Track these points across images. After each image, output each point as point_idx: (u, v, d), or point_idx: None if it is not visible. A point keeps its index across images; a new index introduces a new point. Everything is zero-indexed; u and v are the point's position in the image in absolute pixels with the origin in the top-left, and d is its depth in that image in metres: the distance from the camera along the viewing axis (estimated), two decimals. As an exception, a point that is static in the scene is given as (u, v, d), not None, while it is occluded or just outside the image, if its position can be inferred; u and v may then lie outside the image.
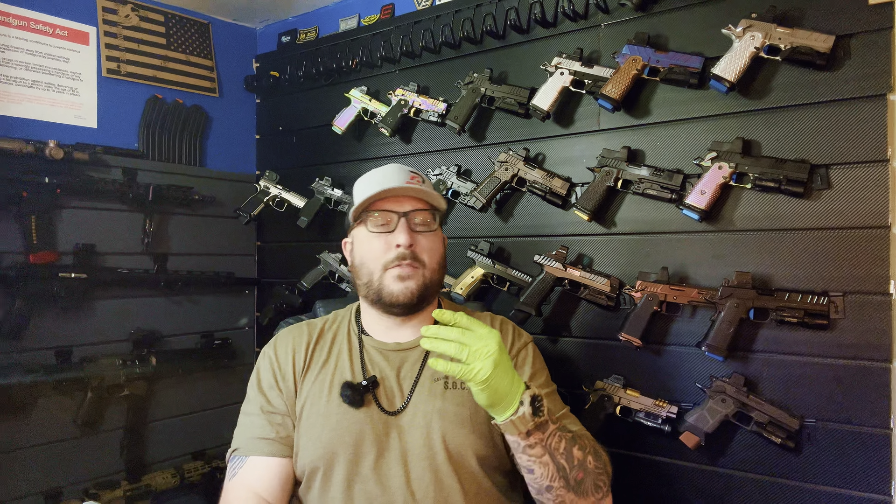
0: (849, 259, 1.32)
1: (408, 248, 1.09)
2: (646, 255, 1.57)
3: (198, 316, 2.26)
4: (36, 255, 1.81)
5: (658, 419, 1.49)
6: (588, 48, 1.66)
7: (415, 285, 1.10)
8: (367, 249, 1.13)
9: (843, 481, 1.32)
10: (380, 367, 1.14)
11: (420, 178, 1.16)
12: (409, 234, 1.10)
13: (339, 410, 1.09)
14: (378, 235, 1.12)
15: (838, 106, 1.34)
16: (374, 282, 1.11)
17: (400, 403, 1.11)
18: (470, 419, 1.09)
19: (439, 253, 1.16)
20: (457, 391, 1.12)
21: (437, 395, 1.11)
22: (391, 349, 1.16)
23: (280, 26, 2.46)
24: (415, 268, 1.10)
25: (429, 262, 1.12)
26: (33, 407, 1.82)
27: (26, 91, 1.89)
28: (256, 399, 1.15)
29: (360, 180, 1.20)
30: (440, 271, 1.16)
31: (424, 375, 1.13)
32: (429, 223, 1.15)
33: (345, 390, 1.09)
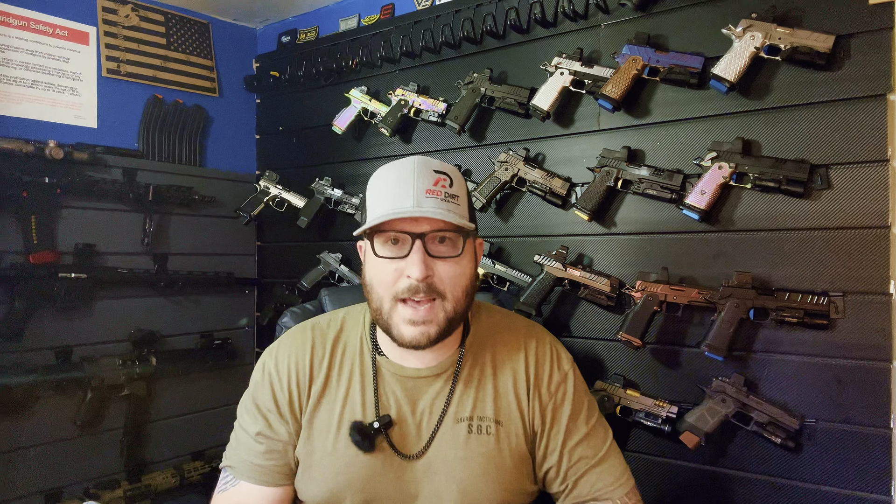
0: (849, 259, 1.32)
1: (422, 282, 0.88)
2: (646, 255, 1.57)
3: (198, 316, 2.26)
4: (36, 255, 1.81)
5: (658, 419, 1.49)
6: (588, 48, 1.66)
7: (434, 329, 0.91)
8: (376, 273, 0.93)
9: (843, 481, 1.32)
10: (396, 397, 0.98)
11: (447, 180, 0.92)
12: (425, 263, 0.88)
13: (347, 452, 0.95)
14: (388, 260, 0.91)
15: (838, 106, 1.34)
16: (384, 313, 0.92)
17: (417, 444, 0.97)
18: (496, 470, 0.97)
19: (466, 278, 0.94)
20: (482, 437, 0.97)
21: (459, 440, 0.96)
22: (409, 376, 0.99)
23: (280, 26, 2.46)
24: (431, 302, 0.90)
25: (451, 293, 0.91)
26: (33, 407, 1.82)
27: (26, 91, 1.89)
28: (254, 420, 1.00)
29: (374, 183, 0.96)
30: (466, 299, 0.94)
31: (447, 414, 0.98)
32: (452, 247, 0.92)
33: (354, 433, 0.94)
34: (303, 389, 0.99)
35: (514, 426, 0.99)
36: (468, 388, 1.00)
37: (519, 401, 1.01)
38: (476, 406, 0.99)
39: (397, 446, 0.96)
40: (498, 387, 1.01)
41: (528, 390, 1.01)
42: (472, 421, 0.98)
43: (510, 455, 0.99)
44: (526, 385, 1.02)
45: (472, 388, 1.00)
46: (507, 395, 1.01)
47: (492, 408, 0.99)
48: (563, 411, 1.01)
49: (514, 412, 1.00)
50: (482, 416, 0.99)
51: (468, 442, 0.97)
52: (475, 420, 0.98)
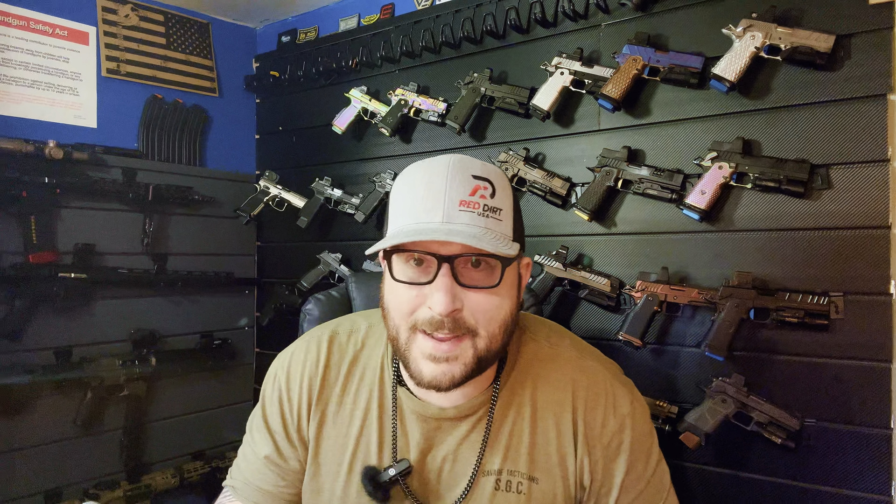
0: (849, 259, 1.32)
1: (447, 316, 0.72)
2: (646, 255, 1.57)
3: (198, 316, 2.26)
4: (36, 255, 1.81)
5: (658, 419, 1.48)
6: (588, 48, 1.66)
7: (459, 370, 0.74)
8: (393, 297, 0.77)
9: (844, 481, 1.31)
10: (416, 439, 0.84)
11: (488, 188, 0.74)
12: (452, 294, 0.71)
13: (358, 500, 0.83)
14: (407, 287, 0.75)
15: (838, 106, 1.34)
16: (401, 343, 0.77)
17: (437, 494, 0.83)
18: None
19: (505, 312, 0.76)
20: (511, 495, 0.81)
21: (484, 496, 0.82)
22: (432, 416, 0.83)
23: (280, 26, 2.45)
24: (457, 339, 0.74)
25: (484, 330, 0.74)
26: (33, 407, 1.82)
27: (26, 91, 1.89)
28: (263, 441, 0.88)
29: (399, 187, 0.79)
30: (503, 336, 0.77)
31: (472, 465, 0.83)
32: (489, 274, 0.74)
33: (367, 484, 0.81)
34: (314, 413, 0.87)
35: (552, 484, 0.83)
36: (500, 434, 0.83)
37: (562, 455, 0.83)
38: (507, 458, 0.83)
39: (417, 494, 0.82)
40: (536, 435, 0.83)
41: (574, 441, 0.83)
42: (501, 475, 0.82)
43: None
44: (573, 436, 0.83)
45: (503, 434, 0.83)
46: (547, 446, 0.83)
47: (526, 461, 0.83)
48: (618, 467, 0.83)
49: (553, 468, 0.83)
50: (513, 469, 0.82)
51: (493, 501, 0.81)
52: (504, 475, 0.82)
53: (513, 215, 0.77)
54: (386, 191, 2.01)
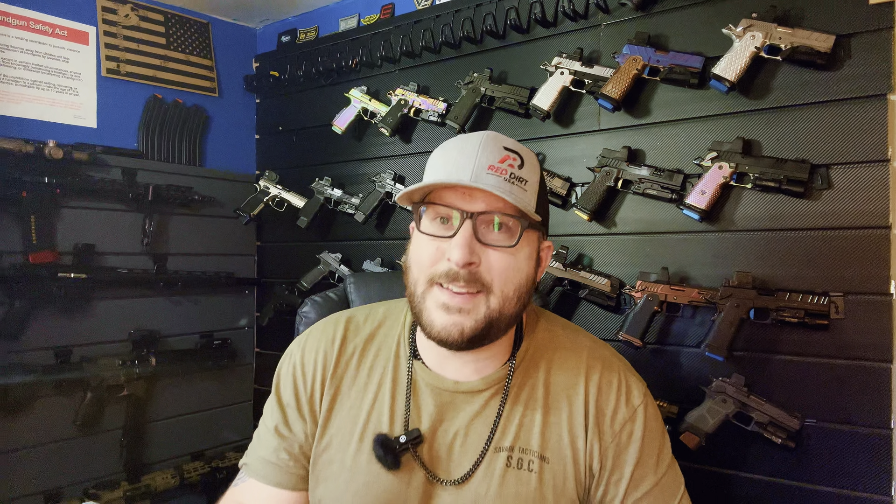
0: (849, 259, 1.32)
1: (464, 268, 0.75)
2: (646, 255, 1.57)
3: (198, 316, 2.26)
4: (35, 255, 1.81)
5: (658, 419, 1.48)
6: (588, 48, 1.66)
7: (469, 323, 0.76)
8: (415, 251, 0.81)
9: (844, 481, 1.31)
10: (429, 411, 0.85)
11: (517, 160, 0.79)
12: (470, 247, 0.75)
13: (368, 468, 0.83)
14: (431, 238, 0.79)
15: (839, 106, 1.34)
16: (416, 297, 0.80)
17: (448, 470, 0.83)
18: None
19: (521, 275, 0.79)
20: (522, 473, 0.82)
21: (495, 473, 0.82)
22: (447, 389, 0.85)
23: (280, 26, 2.45)
24: (471, 295, 0.76)
25: (498, 288, 0.77)
26: (33, 407, 1.82)
27: (26, 91, 1.89)
28: (272, 414, 0.90)
29: (433, 155, 0.84)
30: (517, 301, 0.79)
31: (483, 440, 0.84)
32: (508, 234, 0.78)
33: (378, 448, 0.82)
34: (327, 387, 0.88)
35: (562, 466, 0.83)
36: (513, 412, 0.84)
37: (573, 437, 0.84)
38: (519, 436, 0.83)
39: (428, 465, 0.83)
40: (548, 416, 0.85)
41: (585, 426, 0.84)
42: (513, 452, 0.82)
43: (555, 499, 0.82)
44: (584, 420, 0.84)
45: (517, 412, 0.85)
46: (559, 427, 0.84)
47: (538, 440, 0.83)
48: (629, 457, 0.84)
49: (564, 449, 0.84)
50: (525, 447, 0.83)
51: (505, 477, 0.81)
52: (516, 452, 0.82)
53: (538, 191, 0.81)
54: (386, 191, 2.01)
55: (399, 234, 2.06)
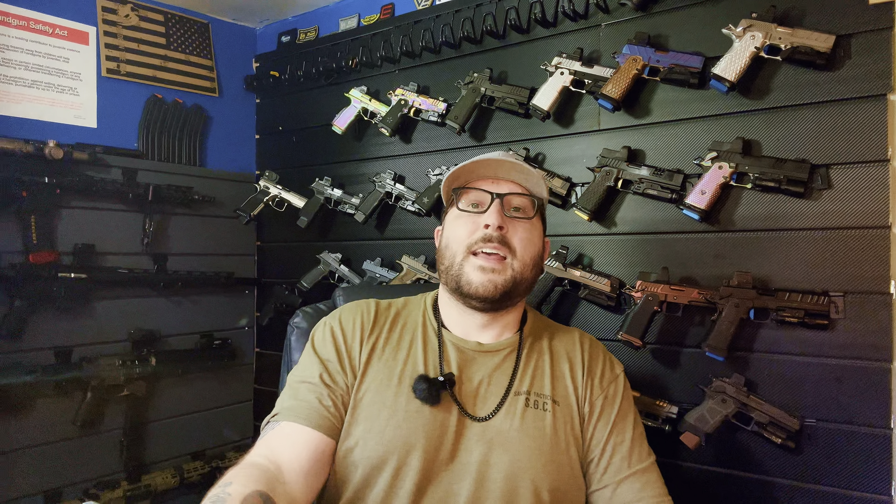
0: (849, 259, 1.32)
1: (497, 231, 0.97)
2: (646, 255, 1.57)
3: (198, 316, 2.26)
4: (36, 255, 1.81)
5: (658, 419, 1.49)
6: (588, 48, 1.66)
7: (500, 279, 0.96)
8: (454, 230, 1.02)
9: (844, 481, 1.32)
10: (458, 366, 1.01)
11: (525, 166, 1.05)
12: (502, 215, 0.98)
13: (408, 406, 0.95)
14: (467, 215, 1.01)
15: (838, 106, 1.34)
16: (455, 266, 0.99)
17: (474, 407, 0.98)
18: (550, 448, 0.96)
19: (535, 247, 1.02)
20: (539, 412, 0.98)
21: (516, 412, 0.97)
22: (472, 349, 1.03)
23: (280, 26, 2.46)
24: (501, 259, 0.97)
25: (520, 253, 0.99)
26: (33, 407, 1.82)
27: (26, 91, 1.89)
28: (314, 367, 0.98)
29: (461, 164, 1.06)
30: (533, 269, 1.02)
31: (512, 386, 1.01)
32: (526, 210, 1.03)
33: (419, 384, 0.95)
34: (366, 344, 1.01)
35: (569, 409, 1.01)
36: (527, 366, 1.03)
37: (575, 386, 1.03)
38: (534, 383, 1.01)
39: (464, 405, 0.97)
40: (555, 370, 1.04)
41: (583, 376, 1.04)
42: (530, 396, 0.99)
43: (565, 436, 0.98)
44: (582, 372, 1.04)
45: (530, 366, 1.03)
46: (564, 378, 1.03)
47: (549, 387, 1.02)
48: (613, 408, 1.03)
49: (570, 396, 1.02)
50: (539, 392, 1.00)
51: (525, 415, 0.97)
52: (532, 395, 1.00)
53: (541, 190, 1.05)
54: (386, 191, 2.01)
55: (399, 234, 2.06)
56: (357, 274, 2.11)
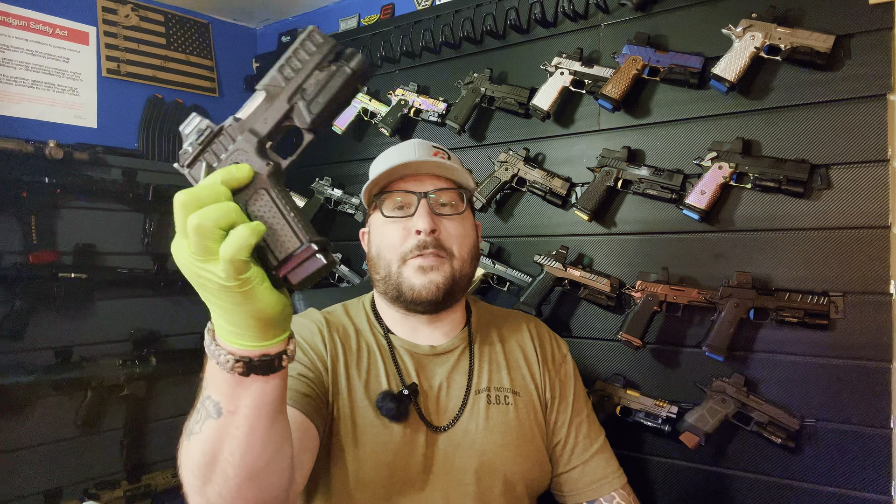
0: (849, 259, 1.32)
1: (430, 235, 0.93)
2: (646, 255, 1.57)
3: (198, 316, 2.26)
4: (36, 255, 1.81)
5: (658, 419, 1.49)
6: (588, 48, 1.66)
7: (441, 279, 0.93)
8: (384, 237, 0.98)
9: (844, 481, 1.31)
10: (415, 372, 0.99)
11: (444, 154, 1.01)
12: (432, 217, 0.94)
13: (374, 423, 0.92)
14: (395, 221, 0.96)
15: (838, 106, 1.34)
16: (393, 275, 0.96)
17: (439, 417, 0.96)
18: (517, 440, 0.97)
19: (470, 240, 0.99)
20: (501, 406, 0.98)
21: (480, 412, 0.97)
22: (425, 353, 1.00)
23: (280, 26, 2.46)
24: (440, 257, 0.94)
25: (457, 252, 0.96)
26: (33, 407, 1.81)
27: (26, 91, 1.89)
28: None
29: (377, 160, 1.04)
30: (471, 263, 1.00)
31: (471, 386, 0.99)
32: (455, 205, 0.99)
33: (385, 402, 0.91)
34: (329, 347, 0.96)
35: (529, 397, 1.02)
36: (481, 362, 1.02)
37: (532, 373, 1.04)
38: (492, 378, 1.01)
39: (427, 417, 0.95)
40: (510, 360, 1.04)
41: (539, 365, 1.05)
42: (490, 392, 0.99)
43: (530, 425, 1.00)
44: (537, 360, 1.05)
45: (485, 361, 1.02)
46: (520, 367, 1.04)
47: (507, 379, 1.02)
48: (568, 389, 1.06)
49: (528, 384, 1.03)
50: (499, 387, 1.00)
51: (489, 412, 0.97)
52: (493, 391, 0.99)
53: (464, 174, 1.01)
54: (386, 191, 2.01)
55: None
56: (357, 274, 2.11)
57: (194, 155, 0.61)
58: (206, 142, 0.61)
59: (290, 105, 0.63)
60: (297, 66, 0.63)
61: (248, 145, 0.61)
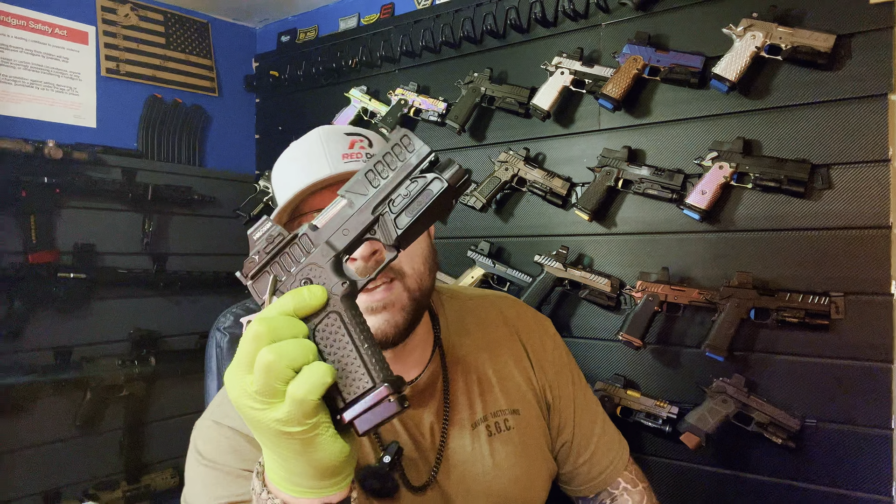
0: (850, 259, 1.32)
1: (369, 261, 0.71)
2: (646, 255, 1.57)
3: (197, 316, 2.26)
4: (35, 255, 1.80)
5: (658, 420, 1.48)
6: (588, 47, 1.66)
7: (400, 317, 0.74)
8: None
9: (844, 482, 1.31)
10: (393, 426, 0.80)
11: (364, 140, 0.78)
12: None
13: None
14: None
15: (839, 105, 1.34)
16: None
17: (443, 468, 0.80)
18: (528, 465, 0.84)
19: (422, 249, 0.78)
20: (503, 435, 0.84)
21: (483, 448, 0.82)
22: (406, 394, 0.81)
23: (279, 26, 2.45)
24: (387, 286, 0.74)
25: (409, 269, 0.75)
26: (33, 407, 1.81)
27: (25, 91, 1.89)
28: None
29: (278, 171, 0.80)
30: (430, 273, 0.79)
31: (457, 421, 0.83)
32: None
33: (371, 482, 0.75)
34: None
35: (530, 410, 0.88)
36: (471, 385, 0.85)
37: (527, 379, 0.90)
38: (486, 402, 0.85)
39: (411, 480, 0.78)
40: (500, 371, 0.88)
41: (531, 365, 0.91)
42: (488, 421, 0.84)
43: (536, 443, 0.87)
44: (527, 357, 0.91)
45: (473, 383, 0.86)
46: (514, 377, 0.89)
47: (503, 398, 0.86)
48: (564, 378, 0.94)
49: (526, 393, 0.89)
50: (496, 411, 0.85)
51: (493, 447, 0.82)
52: (490, 419, 0.84)
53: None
54: (386, 191, 2.00)
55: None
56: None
57: (260, 265, 0.55)
58: (276, 251, 0.55)
59: (375, 217, 0.53)
60: (385, 174, 0.54)
61: (323, 259, 0.54)
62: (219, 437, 0.75)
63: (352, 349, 0.50)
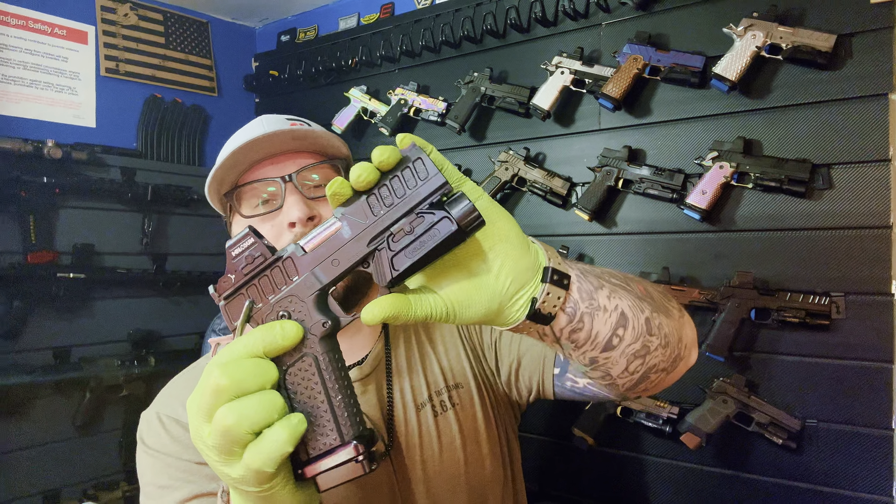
0: (850, 259, 1.32)
1: (307, 225, 0.72)
2: (647, 255, 1.57)
3: (197, 316, 2.26)
4: (34, 255, 1.80)
5: (659, 420, 1.48)
6: (589, 47, 1.66)
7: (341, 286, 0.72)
8: None
9: (845, 482, 1.31)
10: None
11: (303, 124, 0.80)
12: (305, 202, 0.73)
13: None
14: (260, 220, 0.75)
15: (840, 105, 1.33)
16: None
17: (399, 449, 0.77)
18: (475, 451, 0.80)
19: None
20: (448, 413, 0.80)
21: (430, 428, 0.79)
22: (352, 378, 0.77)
23: (279, 25, 2.45)
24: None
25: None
26: (32, 407, 1.81)
27: (25, 90, 1.88)
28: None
29: (226, 147, 0.80)
30: None
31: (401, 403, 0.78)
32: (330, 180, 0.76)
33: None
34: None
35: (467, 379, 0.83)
36: (413, 365, 0.81)
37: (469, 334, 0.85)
38: (428, 381, 0.81)
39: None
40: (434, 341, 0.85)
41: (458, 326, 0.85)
42: (433, 401, 0.80)
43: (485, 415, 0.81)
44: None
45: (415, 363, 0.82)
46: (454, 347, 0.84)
47: (441, 375, 0.82)
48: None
49: (462, 360, 0.83)
50: (438, 390, 0.81)
51: (438, 426, 0.79)
52: (435, 398, 0.80)
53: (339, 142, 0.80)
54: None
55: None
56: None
57: (236, 286, 0.50)
58: (255, 274, 0.49)
59: (371, 250, 0.47)
60: (389, 201, 0.47)
61: (306, 292, 0.48)
62: (160, 428, 0.78)
63: (323, 399, 0.46)
